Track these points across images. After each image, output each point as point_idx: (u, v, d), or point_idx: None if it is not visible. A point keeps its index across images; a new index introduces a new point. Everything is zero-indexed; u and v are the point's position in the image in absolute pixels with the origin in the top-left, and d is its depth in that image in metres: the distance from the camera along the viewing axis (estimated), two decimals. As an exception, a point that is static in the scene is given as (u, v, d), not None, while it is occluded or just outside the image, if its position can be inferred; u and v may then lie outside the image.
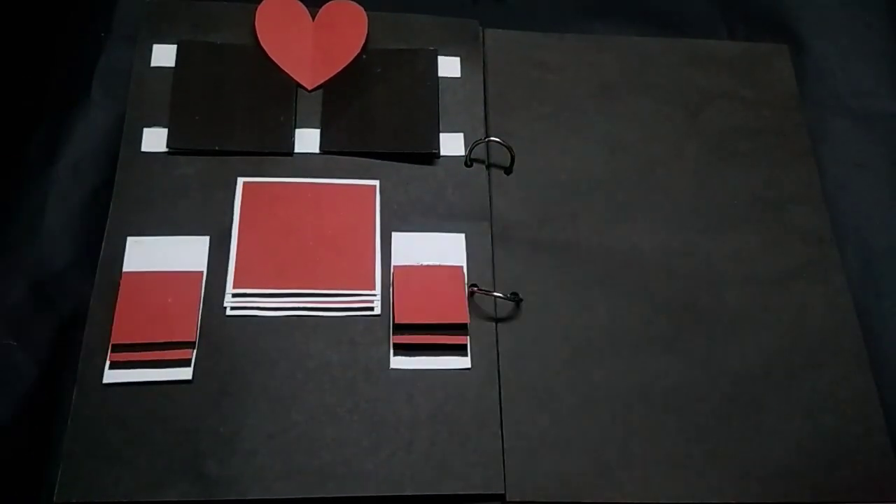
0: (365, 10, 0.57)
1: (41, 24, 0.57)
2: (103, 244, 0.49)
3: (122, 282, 0.47)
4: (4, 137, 0.53)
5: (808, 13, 0.64)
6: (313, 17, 0.57)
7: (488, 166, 0.54)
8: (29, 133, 0.54)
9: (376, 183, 0.52)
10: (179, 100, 0.53)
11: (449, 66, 0.57)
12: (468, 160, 0.54)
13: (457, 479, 0.44)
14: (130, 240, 0.49)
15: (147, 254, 0.48)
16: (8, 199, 0.52)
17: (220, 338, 0.47)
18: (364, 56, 0.56)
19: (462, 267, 0.50)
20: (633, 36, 0.61)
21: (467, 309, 0.49)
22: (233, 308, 0.48)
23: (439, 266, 0.50)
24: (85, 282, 0.49)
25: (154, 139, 0.52)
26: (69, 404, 0.45)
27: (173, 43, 0.55)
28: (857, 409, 0.49)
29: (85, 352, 0.46)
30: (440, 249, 0.51)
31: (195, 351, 0.46)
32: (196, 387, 0.45)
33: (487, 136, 0.54)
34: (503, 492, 0.44)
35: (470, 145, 0.54)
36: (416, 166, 0.53)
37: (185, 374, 0.45)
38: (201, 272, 0.48)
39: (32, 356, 0.47)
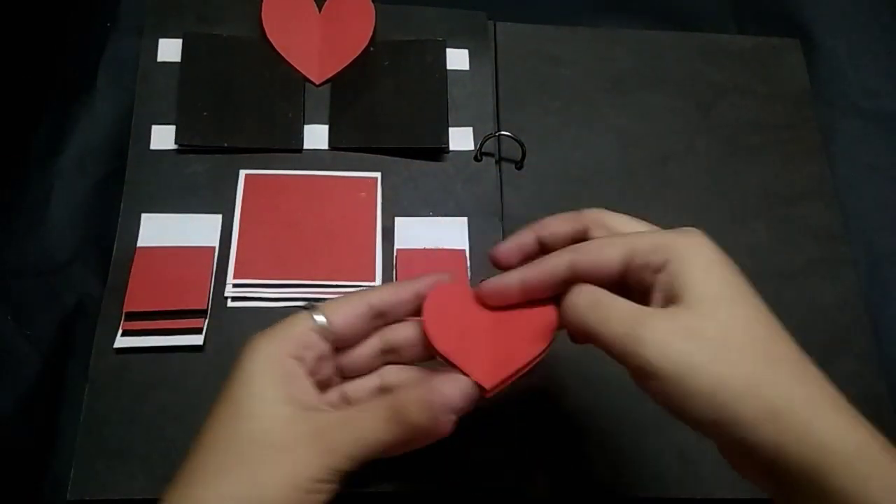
0: (371, 1, 0.57)
1: (47, 15, 0.56)
2: (118, 229, 0.49)
3: (135, 255, 0.48)
4: (9, 129, 0.53)
5: (820, 11, 0.63)
6: (320, 9, 0.56)
7: (498, 161, 0.54)
8: (34, 124, 0.53)
9: (377, 175, 0.52)
10: (186, 95, 0.52)
11: (457, 59, 0.56)
12: (478, 155, 0.53)
13: (476, 474, 0.45)
14: (144, 216, 0.49)
15: (160, 230, 0.49)
16: (13, 190, 0.51)
17: (229, 331, 0.47)
18: (372, 48, 0.55)
19: (464, 250, 0.50)
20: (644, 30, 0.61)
21: None
22: (234, 299, 0.48)
23: (442, 249, 0.50)
24: (89, 274, 0.49)
25: (163, 136, 0.52)
26: (73, 396, 0.45)
27: (179, 37, 0.54)
28: (866, 407, 0.48)
29: (100, 330, 0.46)
30: (443, 234, 0.51)
31: (206, 321, 0.47)
32: (209, 381, 0.45)
33: (498, 130, 0.54)
34: (523, 485, 0.45)
35: (480, 140, 0.53)
36: (424, 162, 0.53)
37: (197, 340, 0.46)
38: (213, 247, 0.49)
39: (36, 347, 0.47)
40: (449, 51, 0.56)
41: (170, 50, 0.54)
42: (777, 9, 0.63)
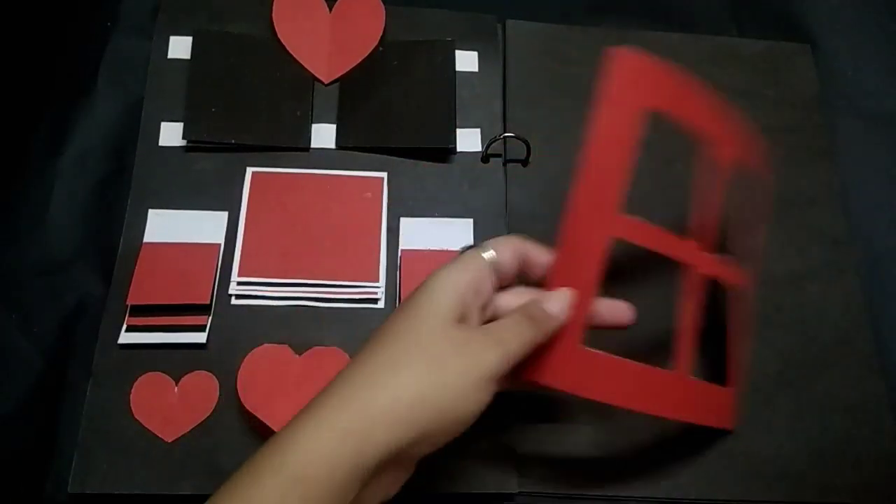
0: (382, 2, 0.57)
1: (47, 14, 0.56)
2: (124, 225, 0.49)
3: (141, 251, 0.48)
4: (10, 128, 0.52)
5: (820, 12, 0.63)
6: (330, 9, 0.56)
7: (505, 162, 0.54)
8: (34, 124, 0.53)
9: (384, 175, 0.52)
10: (195, 91, 0.52)
11: (467, 61, 0.56)
12: (485, 156, 0.53)
13: (469, 479, 0.44)
14: (151, 212, 0.49)
15: (167, 226, 0.49)
16: (13, 190, 0.51)
17: (232, 329, 0.47)
18: (381, 49, 0.55)
19: None
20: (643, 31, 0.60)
21: None
22: (237, 296, 0.48)
23: (446, 250, 0.50)
24: (90, 274, 0.49)
25: (171, 133, 0.52)
26: (75, 395, 0.45)
27: (190, 34, 0.54)
28: (866, 412, 0.49)
29: (104, 325, 0.46)
30: (449, 235, 0.51)
31: (210, 318, 0.46)
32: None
33: (505, 128, 0.54)
34: (516, 492, 0.44)
35: (486, 141, 0.53)
36: (431, 163, 0.53)
37: (200, 338, 0.46)
38: (219, 244, 0.49)
39: (38, 347, 0.46)
40: (459, 53, 0.56)
41: (180, 47, 0.54)
42: (777, 10, 0.63)
